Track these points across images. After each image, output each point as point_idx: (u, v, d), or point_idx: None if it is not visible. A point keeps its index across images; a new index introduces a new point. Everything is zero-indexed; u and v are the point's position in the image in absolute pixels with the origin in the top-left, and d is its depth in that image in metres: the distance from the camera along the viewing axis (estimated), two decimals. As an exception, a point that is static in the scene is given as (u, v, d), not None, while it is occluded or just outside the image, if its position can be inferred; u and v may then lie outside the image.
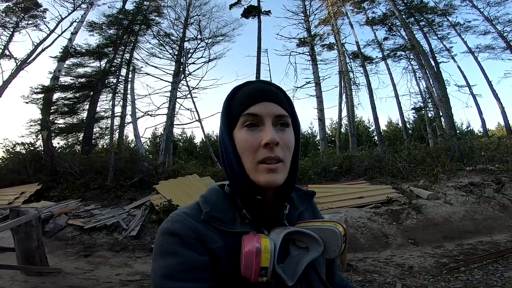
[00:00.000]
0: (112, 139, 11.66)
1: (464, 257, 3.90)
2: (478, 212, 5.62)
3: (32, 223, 3.94)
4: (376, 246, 4.74)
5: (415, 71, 17.28)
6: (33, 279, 3.73)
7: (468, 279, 3.12)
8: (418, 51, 13.39)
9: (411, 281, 3.21)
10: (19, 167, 10.43)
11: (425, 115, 17.58)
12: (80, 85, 12.07)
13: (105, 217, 6.54)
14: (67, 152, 11.57)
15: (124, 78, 13.44)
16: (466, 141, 10.29)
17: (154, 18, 14.64)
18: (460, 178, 7.62)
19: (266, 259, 0.52)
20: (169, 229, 0.57)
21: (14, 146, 11.40)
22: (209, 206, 0.62)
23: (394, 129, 22.96)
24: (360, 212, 5.71)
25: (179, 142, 21.66)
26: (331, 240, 0.61)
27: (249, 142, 0.59)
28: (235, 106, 0.63)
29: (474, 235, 4.92)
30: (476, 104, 16.25)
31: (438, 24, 16.77)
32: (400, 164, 9.02)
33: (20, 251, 3.88)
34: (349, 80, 16.19)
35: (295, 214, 0.69)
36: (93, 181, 9.55)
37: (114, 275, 4.15)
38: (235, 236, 0.58)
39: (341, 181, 8.97)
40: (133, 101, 14.27)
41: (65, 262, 4.73)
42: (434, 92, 13.50)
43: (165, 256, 0.55)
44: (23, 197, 8.38)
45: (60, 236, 5.94)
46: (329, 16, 17.89)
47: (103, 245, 5.56)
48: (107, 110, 13.54)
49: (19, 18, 14.15)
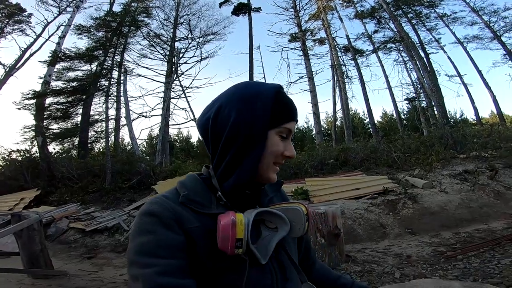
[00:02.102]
0: (108, 142, 11.64)
1: (461, 245, 3.93)
2: (474, 200, 5.68)
3: (34, 227, 3.96)
4: (374, 237, 4.82)
5: (406, 63, 17.43)
6: (40, 282, 3.78)
7: (466, 267, 3.14)
8: (407, 42, 13.50)
9: (409, 270, 3.28)
10: (16, 173, 10.39)
11: (418, 105, 17.74)
12: (72, 89, 11.98)
13: (106, 219, 6.59)
14: (63, 157, 11.53)
15: (116, 80, 13.38)
16: (459, 129, 10.41)
17: (143, 19, 14.53)
18: (454, 166, 7.70)
19: (241, 230, 0.57)
20: (148, 210, 0.61)
21: (9, 153, 11.33)
22: (186, 190, 0.66)
23: (389, 120, 23.11)
24: (357, 203, 5.79)
25: (175, 142, 21.61)
26: (296, 219, 0.67)
27: (279, 148, 0.67)
28: (281, 112, 0.67)
29: (470, 223, 4.96)
30: (468, 93, 16.43)
31: (426, 15, 16.94)
32: (395, 154, 9.11)
33: (25, 255, 3.91)
34: (342, 73, 16.25)
35: (265, 199, 0.75)
36: (92, 184, 9.56)
37: (118, 275, 4.20)
38: (211, 217, 0.62)
39: (338, 173, 9.06)
40: (127, 103, 14.19)
41: (69, 264, 4.78)
42: (425, 83, 13.64)
43: (141, 234, 0.58)
44: (23, 203, 8.38)
45: (62, 240, 5.99)
46: (318, 11, 17.89)
47: (106, 247, 5.61)
48: (101, 113, 13.51)
49: (3, 23, 13.98)
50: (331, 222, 3.55)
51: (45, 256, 4.06)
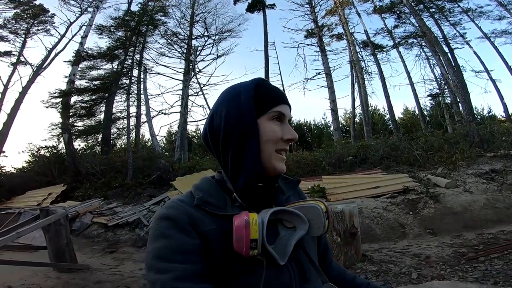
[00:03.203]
0: (129, 139, 12.00)
1: (484, 246, 3.80)
2: (500, 200, 5.44)
3: (60, 221, 4.15)
4: (392, 236, 4.72)
5: (429, 58, 16.69)
6: (64, 275, 3.96)
7: (487, 269, 3.04)
8: (430, 38, 12.92)
9: (428, 271, 3.20)
10: (44, 169, 10.94)
11: (442, 102, 17.02)
12: (95, 88, 12.38)
13: (127, 214, 6.82)
14: (88, 153, 12.03)
15: (136, 79, 13.71)
16: (486, 126, 9.92)
17: (160, 18, 14.74)
18: (480, 165, 7.37)
19: (255, 231, 0.56)
20: (164, 214, 0.62)
21: (38, 149, 11.94)
22: (201, 192, 0.67)
23: (411, 116, 22.33)
24: (376, 202, 5.67)
25: (193, 138, 21.94)
26: (314, 217, 0.65)
27: (277, 133, 0.68)
28: (265, 99, 0.69)
29: (495, 224, 4.78)
30: (496, 89, 15.51)
31: (449, 10, 16.08)
32: (416, 152, 8.82)
33: (52, 249, 4.12)
34: (361, 69, 15.84)
35: (282, 198, 0.75)
36: (114, 180, 9.91)
37: (138, 270, 4.34)
38: (227, 219, 0.62)
39: (356, 171, 8.89)
40: (147, 100, 14.55)
41: (92, 258, 4.98)
42: (449, 79, 13.04)
43: (158, 239, 0.59)
44: (50, 198, 8.81)
45: (86, 234, 6.25)
46: (335, 6, 17.50)
47: (127, 241, 5.81)
48: (123, 110, 13.89)
49: (29, 24, 14.62)
50: (348, 220, 3.51)
51: (70, 250, 4.25)
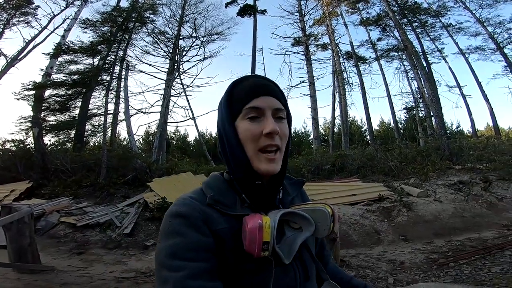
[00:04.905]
0: (105, 136, 11.56)
1: (453, 253, 4.00)
2: (467, 210, 5.77)
3: (24, 220, 3.89)
4: (368, 243, 4.83)
5: (407, 72, 17.53)
6: (26, 276, 3.69)
7: (457, 274, 3.21)
8: (411, 51, 13.58)
9: (403, 276, 3.30)
10: (9, 164, 10.22)
11: (416, 115, 17.84)
12: (73, 82, 11.90)
13: (98, 214, 6.50)
14: (58, 150, 11.39)
15: (117, 75, 13.31)
16: (456, 140, 10.51)
17: (149, 16, 14.50)
18: (449, 176, 7.79)
19: (268, 234, 0.57)
20: (176, 211, 0.61)
21: (3, 143, 11.18)
22: (212, 191, 0.66)
23: (386, 128, 23.23)
24: (353, 209, 5.80)
25: (172, 140, 21.53)
26: (321, 220, 0.67)
27: (251, 131, 0.65)
28: (237, 99, 0.68)
29: (462, 232, 5.05)
30: (466, 105, 16.53)
31: (431, 25, 17.01)
32: (391, 163, 9.17)
33: (12, 249, 3.83)
34: (343, 80, 16.33)
35: (288, 199, 0.75)
36: (85, 178, 9.43)
37: (108, 272, 4.14)
38: (236, 219, 0.63)
39: (334, 179, 9.07)
40: (127, 98, 14.12)
41: (57, 259, 4.68)
42: (425, 92, 13.73)
43: (170, 237, 0.59)
44: (14, 195, 8.23)
45: (52, 234, 5.88)
46: (324, 16, 18.00)
47: (97, 243, 5.52)
48: (100, 107, 13.40)
49: (9, 15, 13.89)
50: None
51: (33, 250, 3.98)
